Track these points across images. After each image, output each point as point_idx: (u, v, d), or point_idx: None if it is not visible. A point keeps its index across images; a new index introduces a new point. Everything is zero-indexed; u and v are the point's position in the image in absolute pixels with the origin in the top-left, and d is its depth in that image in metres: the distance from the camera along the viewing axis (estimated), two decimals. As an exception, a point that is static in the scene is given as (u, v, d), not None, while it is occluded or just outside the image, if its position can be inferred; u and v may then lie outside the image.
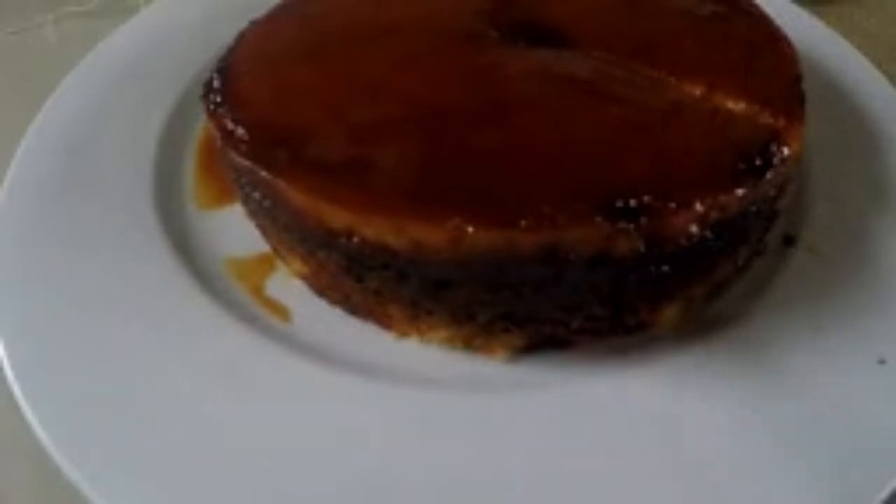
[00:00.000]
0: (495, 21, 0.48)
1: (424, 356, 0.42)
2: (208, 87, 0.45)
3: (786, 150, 0.40)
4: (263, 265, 0.46)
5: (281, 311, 0.44)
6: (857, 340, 0.41)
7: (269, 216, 0.43)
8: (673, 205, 0.37)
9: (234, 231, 0.47)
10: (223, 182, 0.49)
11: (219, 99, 0.43)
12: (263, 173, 0.39)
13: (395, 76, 0.44)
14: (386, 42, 0.46)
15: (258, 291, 0.45)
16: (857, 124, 0.52)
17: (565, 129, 0.41)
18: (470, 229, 0.36)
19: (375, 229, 0.37)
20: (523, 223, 0.36)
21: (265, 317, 0.43)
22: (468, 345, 0.42)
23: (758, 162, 0.39)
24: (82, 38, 0.58)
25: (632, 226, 0.36)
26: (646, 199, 0.37)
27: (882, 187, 0.48)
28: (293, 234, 0.42)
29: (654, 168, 0.39)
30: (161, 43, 0.56)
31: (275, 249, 0.46)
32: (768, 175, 0.39)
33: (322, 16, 0.49)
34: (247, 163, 0.40)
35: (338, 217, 0.38)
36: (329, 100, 0.43)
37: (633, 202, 0.36)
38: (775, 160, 0.40)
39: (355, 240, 0.38)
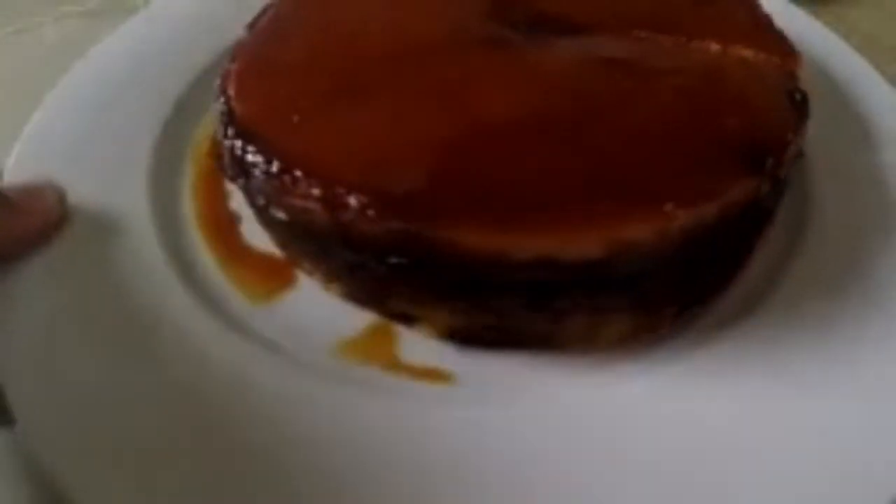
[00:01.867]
0: (495, 21, 0.47)
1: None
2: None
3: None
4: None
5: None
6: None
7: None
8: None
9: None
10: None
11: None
12: (412, 227, 0.35)
13: (446, 95, 0.41)
14: (419, 60, 0.44)
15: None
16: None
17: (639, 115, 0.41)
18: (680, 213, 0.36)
19: (578, 246, 0.36)
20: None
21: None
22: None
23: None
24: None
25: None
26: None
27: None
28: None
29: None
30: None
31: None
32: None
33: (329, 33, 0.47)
34: (387, 226, 0.35)
35: (529, 247, 0.36)
36: (398, 129, 0.39)
37: None
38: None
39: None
